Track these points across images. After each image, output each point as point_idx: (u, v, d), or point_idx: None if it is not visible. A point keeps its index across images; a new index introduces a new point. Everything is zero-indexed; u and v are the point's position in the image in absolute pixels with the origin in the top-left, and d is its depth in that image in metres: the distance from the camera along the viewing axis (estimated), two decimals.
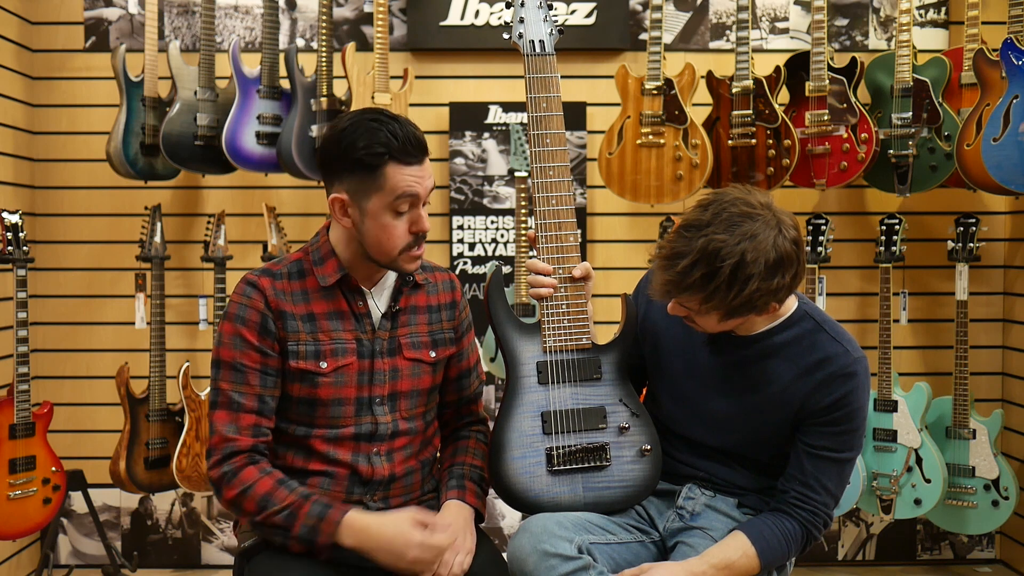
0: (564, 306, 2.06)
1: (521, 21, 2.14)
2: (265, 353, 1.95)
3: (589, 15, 3.76)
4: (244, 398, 1.94)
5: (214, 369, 1.98)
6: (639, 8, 3.81)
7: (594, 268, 2.12)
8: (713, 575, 1.88)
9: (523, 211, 3.52)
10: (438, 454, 2.23)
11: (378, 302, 2.06)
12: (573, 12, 3.76)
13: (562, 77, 2.48)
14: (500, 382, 3.78)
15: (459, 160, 3.78)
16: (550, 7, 2.17)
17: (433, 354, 2.10)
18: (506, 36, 2.15)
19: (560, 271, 2.07)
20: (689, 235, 1.80)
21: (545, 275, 2.06)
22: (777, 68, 3.41)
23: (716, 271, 1.77)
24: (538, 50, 2.13)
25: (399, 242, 1.95)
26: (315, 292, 2.01)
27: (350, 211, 1.96)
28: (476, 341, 2.26)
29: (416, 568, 1.88)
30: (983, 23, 3.29)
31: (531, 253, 3.52)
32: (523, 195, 3.51)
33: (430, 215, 2.04)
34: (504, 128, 3.76)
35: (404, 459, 2.06)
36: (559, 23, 2.17)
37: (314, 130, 3.44)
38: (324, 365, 1.97)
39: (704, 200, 1.86)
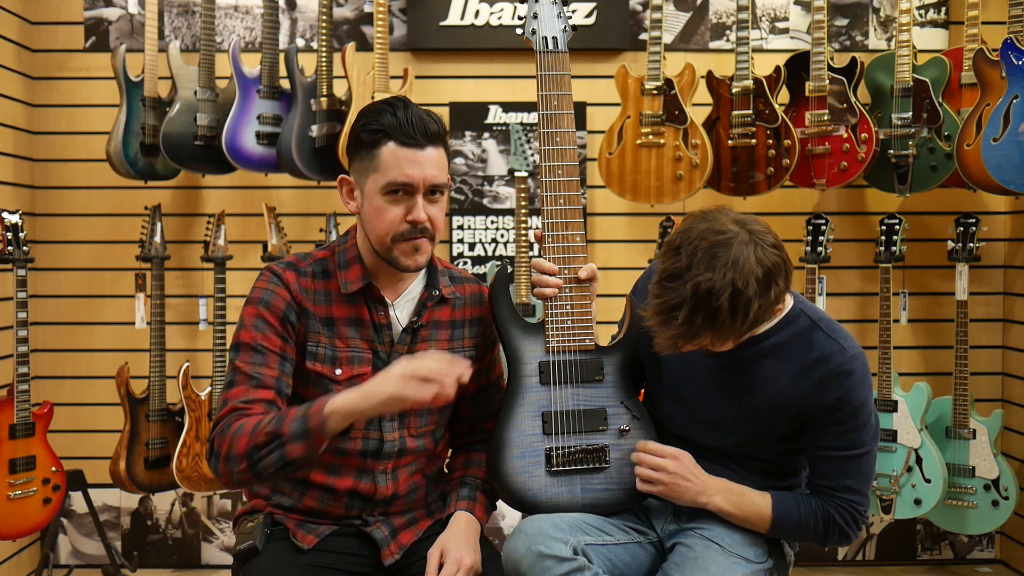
0: (568, 307, 2.05)
1: (535, 17, 2.12)
2: (285, 339, 1.90)
3: (589, 15, 3.76)
4: (264, 376, 1.86)
5: (232, 352, 1.90)
6: (639, 8, 3.80)
7: None
8: (734, 499, 1.97)
9: (523, 211, 3.51)
10: (446, 465, 2.18)
11: (400, 315, 2.00)
12: (573, 12, 3.74)
13: None
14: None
15: (459, 160, 3.78)
16: (565, 3, 2.14)
17: None
18: (519, 32, 2.13)
19: (566, 271, 2.05)
20: (674, 285, 1.78)
21: (550, 275, 2.04)
22: (777, 68, 3.41)
23: (716, 309, 1.75)
24: (551, 47, 2.11)
25: (390, 228, 1.88)
26: (337, 295, 1.95)
27: (355, 193, 1.94)
28: (501, 355, 2.16)
29: (406, 392, 1.71)
30: (983, 23, 3.29)
31: (531, 253, 3.53)
32: (523, 195, 3.50)
33: None
34: (504, 128, 3.76)
35: (409, 475, 2.02)
36: (572, 20, 2.14)
37: (314, 130, 3.44)
38: (339, 372, 1.93)
39: (673, 242, 1.83)
